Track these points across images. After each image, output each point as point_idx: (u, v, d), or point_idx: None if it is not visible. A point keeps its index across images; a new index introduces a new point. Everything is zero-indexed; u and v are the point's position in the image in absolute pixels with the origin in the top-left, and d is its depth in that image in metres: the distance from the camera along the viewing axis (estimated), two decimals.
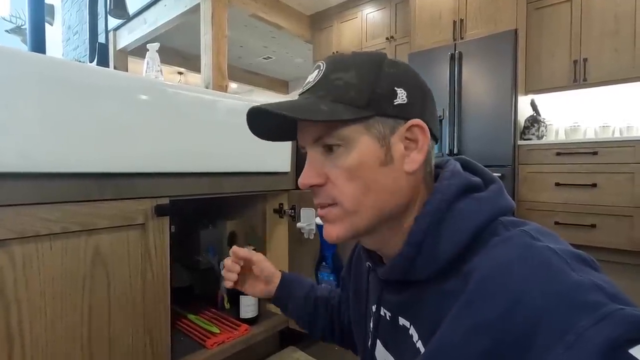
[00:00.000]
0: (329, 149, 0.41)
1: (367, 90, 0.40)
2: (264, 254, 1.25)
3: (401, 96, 0.41)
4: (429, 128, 0.41)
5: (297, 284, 0.72)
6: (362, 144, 0.40)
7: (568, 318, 0.27)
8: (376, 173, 0.40)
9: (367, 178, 0.40)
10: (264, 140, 0.50)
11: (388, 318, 0.47)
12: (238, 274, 0.69)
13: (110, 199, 0.74)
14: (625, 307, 0.27)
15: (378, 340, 0.50)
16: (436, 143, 0.45)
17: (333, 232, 0.43)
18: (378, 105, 0.40)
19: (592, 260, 0.33)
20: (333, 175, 0.41)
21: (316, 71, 0.44)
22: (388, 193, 0.41)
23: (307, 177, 0.43)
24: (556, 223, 2.39)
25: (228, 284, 0.69)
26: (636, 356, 0.24)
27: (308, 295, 0.70)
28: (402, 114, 0.41)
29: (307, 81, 0.44)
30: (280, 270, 0.73)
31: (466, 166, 0.45)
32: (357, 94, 0.40)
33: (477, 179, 0.43)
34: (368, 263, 0.51)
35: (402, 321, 0.44)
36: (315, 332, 0.71)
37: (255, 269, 0.70)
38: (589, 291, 0.28)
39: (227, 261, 0.70)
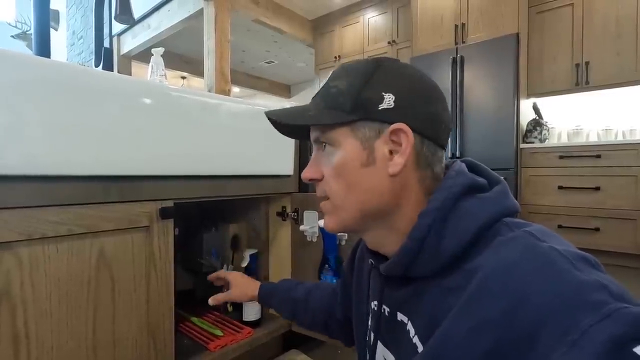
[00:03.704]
0: (324, 148, 0.46)
1: (353, 96, 0.43)
2: (267, 257, 1.26)
3: (388, 101, 0.42)
4: (420, 131, 0.42)
5: (276, 293, 0.81)
6: (346, 145, 0.44)
7: (572, 316, 0.27)
8: (357, 173, 0.43)
9: (349, 177, 0.44)
10: (266, 144, 0.56)
11: (387, 314, 0.48)
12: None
13: (115, 202, 0.75)
14: (630, 306, 0.27)
15: (377, 335, 0.51)
16: (441, 145, 0.45)
17: (328, 224, 0.48)
18: (363, 110, 0.43)
19: (596, 262, 0.33)
20: (325, 172, 0.46)
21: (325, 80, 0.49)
22: (369, 193, 0.43)
23: (307, 171, 0.48)
24: (559, 226, 2.38)
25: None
26: None
27: (291, 298, 0.78)
28: (387, 118, 0.42)
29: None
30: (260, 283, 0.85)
31: (472, 167, 0.46)
32: (344, 99, 0.43)
33: (482, 180, 0.43)
34: (370, 260, 0.51)
35: (400, 316, 0.45)
36: (302, 324, 0.79)
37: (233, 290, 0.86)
38: (593, 290, 0.28)
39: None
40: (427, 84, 0.45)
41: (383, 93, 0.42)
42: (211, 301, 0.85)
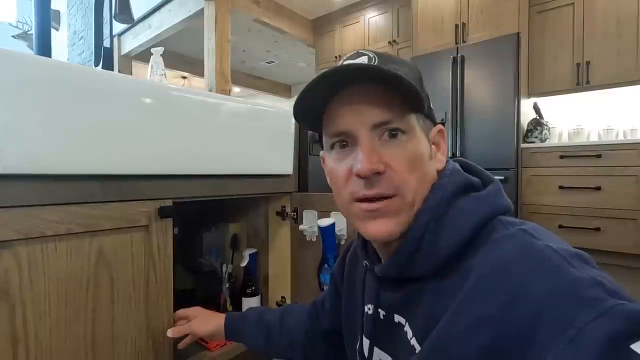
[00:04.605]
0: (393, 135, 0.40)
1: (421, 88, 0.42)
2: (266, 256, 1.26)
3: (430, 102, 0.45)
4: None
5: (246, 319, 0.76)
6: (419, 135, 0.42)
7: (568, 313, 0.27)
8: (426, 166, 0.42)
9: (422, 169, 0.41)
10: (266, 143, 0.52)
11: (382, 317, 0.48)
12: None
13: (114, 201, 0.75)
14: (626, 302, 0.27)
15: (373, 340, 0.50)
16: None
17: (388, 228, 0.40)
18: (424, 104, 0.42)
19: (589, 259, 0.33)
20: (396, 164, 0.39)
21: (364, 57, 0.42)
22: (428, 186, 0.42)
23: (371, 162, 0.38)
24: (560, 226, 2.38)
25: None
26: (637, 351, 0.24)
27: (260, 321, 0.74)
28: (432, 117, 0.45)
29: (354, 62, 0.41)
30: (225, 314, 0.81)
31: (465, 167, 0.46)
32: (415, 88, 0.40)
33: (476, 179, 0.43)
34: (365, 262, 0.51)
35: (397, 318, 0.45)
36: (276, 350, 0.73)
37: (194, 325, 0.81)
38: (588, 287, 0.29)
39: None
40: None
41: (427, 93, 0.44)
42: (170, 333, 0.79)
